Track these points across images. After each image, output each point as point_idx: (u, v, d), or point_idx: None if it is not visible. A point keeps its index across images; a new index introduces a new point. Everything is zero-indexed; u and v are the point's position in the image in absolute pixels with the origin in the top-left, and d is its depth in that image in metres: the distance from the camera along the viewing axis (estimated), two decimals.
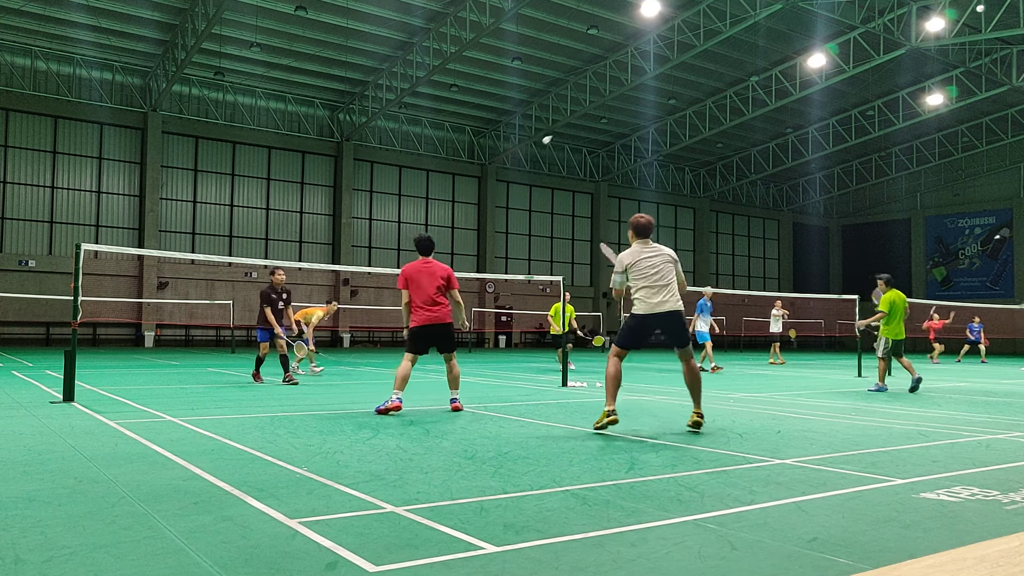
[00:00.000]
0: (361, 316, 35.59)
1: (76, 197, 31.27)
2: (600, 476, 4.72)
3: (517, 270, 40.73)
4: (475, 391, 11.14)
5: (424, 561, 2.98)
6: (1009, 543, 3.14)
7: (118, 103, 31.69)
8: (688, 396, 7.13)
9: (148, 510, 3.73)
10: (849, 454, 5.71)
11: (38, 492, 4.11)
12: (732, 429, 7.08)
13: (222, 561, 2.96)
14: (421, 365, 19.42)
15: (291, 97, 35.16)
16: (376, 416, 7.81)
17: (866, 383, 14.33)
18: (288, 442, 5.95)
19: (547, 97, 35.69)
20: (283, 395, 10.22)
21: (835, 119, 39.47)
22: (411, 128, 38.42)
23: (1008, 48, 31.25)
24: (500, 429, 6.93)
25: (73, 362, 8.92)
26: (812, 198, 52.08)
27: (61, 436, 6.14)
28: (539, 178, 42.48)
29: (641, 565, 2.97)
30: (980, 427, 7.57)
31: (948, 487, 4.49)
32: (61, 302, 28.03)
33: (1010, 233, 45.61)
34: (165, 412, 7.92)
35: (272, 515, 3.66)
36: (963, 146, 43.30)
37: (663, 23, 29.02)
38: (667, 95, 36.17)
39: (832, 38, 30.86)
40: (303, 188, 35.99)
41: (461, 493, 4.18)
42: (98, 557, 2.99)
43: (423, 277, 8.37)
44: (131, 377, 13.30)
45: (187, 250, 32.74)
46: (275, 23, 28.19)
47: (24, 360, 18.47)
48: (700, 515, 3.76)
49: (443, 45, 28.90)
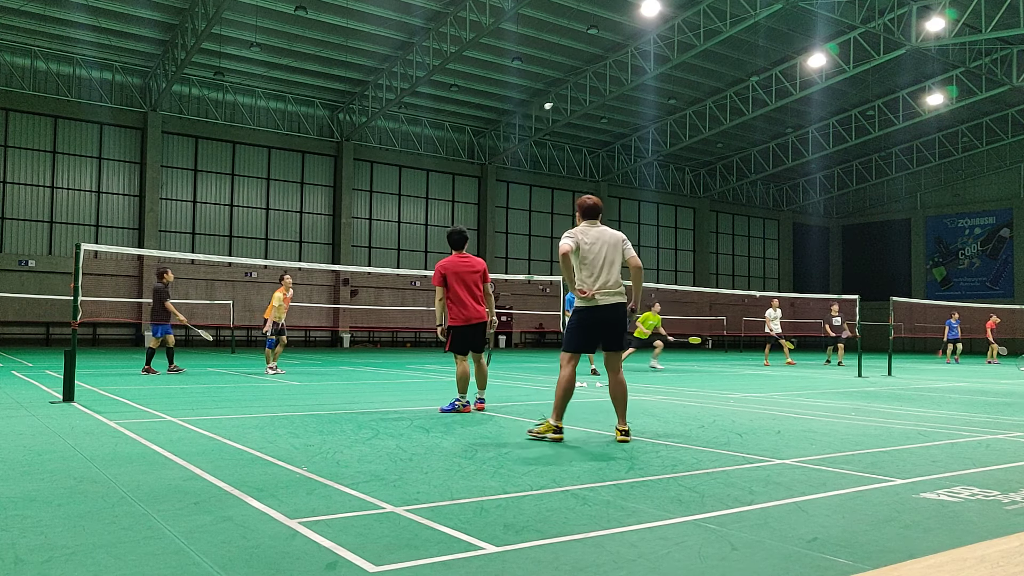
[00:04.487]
0: (361, 316, 35.59)
1: (76, 197, 31.27)
2: (600, 476, 4.72)
3: (517, 270, 40.74)
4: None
5: (424, 561, 2.98)
6: (1009, 543, 3.13)
7: (118, 103, 31.70)
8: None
9: (148, 510, 3.73)
10: (849, 454, 5.71)
11: (38, 492, 4.11)
12: (732, 429, 7.08)
13: (222, 561, 2.96)
14: (421, 365, 19.41)
15: (291, 97, 35.17)
16: (376, 416, 7.81)
17: (866, 383, 14.32)
18: (288, 442, 5.95)
19: (547, 97, 35.69)
20: (283, 395, 10.22)
21: (835, 119, 39.47)
22: (411, 128, 38.43)
23: (1008, 48, 31.25)
24: (500, 429, 6.93)
25: (73, 362, 8.92)
26: (812, 198, 52.08)
27: (61, 436, 6.14)
28: (539, 178, 42.49)
29: (641, 565, 2.97)
30: (980, 427, 7.57)
31: (948, 487, 4.49)
32: (61, 302, 28.02)
33: (1011, 233, 45.62)
34: (165, 412, 7.92)
35: (272, 515, 3.66)
36: (963, 146, 43.31)
37: (663, 23, 29.02)
38: (667, 95, 36.17)
39: (832, 38, 30.87)
40: (303, 188, 35.99)
41: (461, 493, 4.18)
42: (98, 557, 2.99)
43: (464, 274, 8.06)
44: (131, 377, 13.30)
45: (187, 250, 32.74)
46: (275, 23, 28.19)
47: (24, 360, 18.47)
48: (700, 515, 3.76)
49: (443, 45, 28.91)
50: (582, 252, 6.22)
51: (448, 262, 8.15)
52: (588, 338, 6.32)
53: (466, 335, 8.09)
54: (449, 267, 8.09)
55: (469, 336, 8.10)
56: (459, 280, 8.05)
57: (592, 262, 6.21)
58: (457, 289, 8.04)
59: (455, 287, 8.04)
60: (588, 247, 6.23)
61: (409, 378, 14.33)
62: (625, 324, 6.30)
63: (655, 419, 7.84)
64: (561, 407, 6.17)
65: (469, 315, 8.04)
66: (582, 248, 6.22)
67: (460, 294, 8.04)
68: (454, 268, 8.08)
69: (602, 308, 6.20)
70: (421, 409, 8.58)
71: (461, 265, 8.12)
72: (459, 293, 8.04)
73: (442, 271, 8.08)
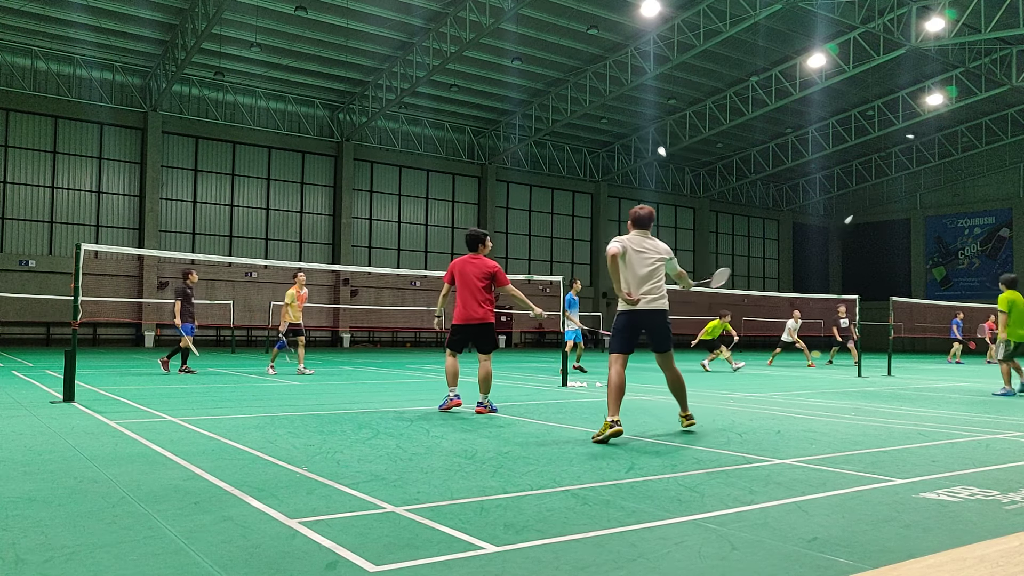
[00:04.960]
0: (361, 316, 35.59)
1: (76, 197, 31.28)
2: (600, 476, 4.72)
3: (517, 270, 40.74)
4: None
5: (424, 561, 2.98)
6: (1009, 543, 3.14)
7: (118, 103, 31.70)
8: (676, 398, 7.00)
9: (148, 510, 3.73)
10: (849, 454, 5.71)
11: (38, 492, 4.11)
12: (732, 429, 7.08)
13: (222, 561, 2.96)
14: (421, 365, 19.41)
15: (291, 97, 35.17)
16: (376, 416, 7.82)
17: (866, 383, 14.33)
18: (288, 442, 5.95)
19: (547, 97, 35.70)
20: (283, 395, 10.22)
21: (835, 119, 39.47)
22: (411, 128, 38.43)
23: (1008, 48, 31.25)
24: (500, 429, 6.93)
25: (73, 362, 8.92)
26: (812, 198, 52.10)
27: (61, 436, 6.14)
28: (539, 178, 42.50)
29: (641, 565, 2.97)
30: (980, 427, 7.57)
31: (948, 487, 4.49)
32: (61, 302, 28.03)
33: (1010, 233, 45.62)
34: (165, 412, 7.92)
35: (272, 515, 3.66)
36: (963, 146, 43.32)
37: (663, 23, 29.03)
38: (667, 95, 36.18)
39: (832, 38, 30.87)
40: (303, 188, 36.00)
41: (461, 493, 4.18)
42: (98, 557, 2.99)
43: (468, 275, 8.25)
44: (131, 377, 13.30)
45: (187, 250, 32.74)
46: (275, 23, 28.20)
47: (24, 360, 18.47)
48: (700, 515, 3.76)
49: (443, 45, 28.91)
50: (628, 257, 6.56)
51: (458, 262, 8.46)
52: (629, 340, 6.60)
53: (461, 333, 8.35)
54: (457, 267, 8.41)
55: (465, 335, 8.33)
56: (463, 280, 8.32)
57: (638, 269, 6.54)
58: (460, 288, 8.34)
59: (459, 286, 8.35)
60: (636, 254, 6.57)
61: (409, 378, 14.33)
62: (668, 328, 6.64)
63: (655, 419, 7.84)
64: (615, 404, 6.35)
65: (465, 315, 8.28)
66: (629, 254, 6.56)
67: (461, 294, 8.33)
68: (461, 268, 8.37)
69: (643, 313, 6.52)
70: (421, 409, 8.58)
71: (468, 266, 8.36)
72: (460, 292, 8.34)
73: (451, 270, 8.44)
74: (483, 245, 8.48)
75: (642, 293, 6.50)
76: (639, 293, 6.49)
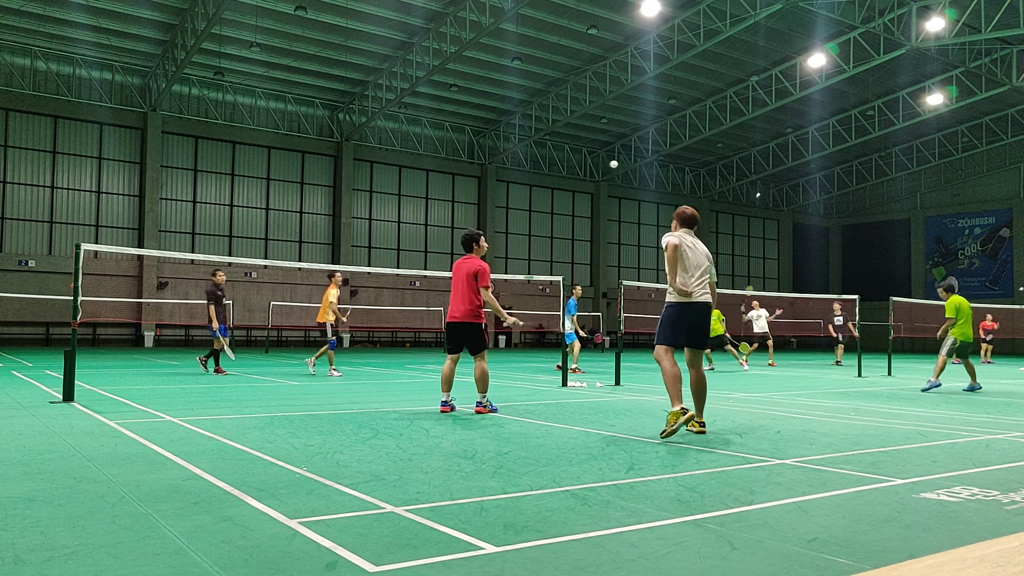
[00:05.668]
0: (361, 316, 35.57)
1: (76, 197, 31.27)
2: (600, 476, 4.72)
3: (517, 270, 40.74)
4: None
5: (424, 561, 2.98)
6: (1009, 543, 3.14)
7: (118, 103, 31.70)
8: (681, 397, 6.95)
9: (148, 510, 3.73)
10: (849, 454, 5.71)
11: (38, 492, 4.11)
12: (732, 429, 7.08)
13: (222, 561, 2.96)
14: (421, 365, 19.40)
15: (291, 97, 35.16)
16: (376, 416, 7.82)
17: (866, 383, 14.33)
18: (288, 442, 5.95)
19: (547, 97, 35.70)
20: (283, 395, 10.22)
21: (835, 119, 39.46)
22: (411, 128, 38.43)
23: (1008, 48, 31.25)
24: (500, 429, 6.93)
25: (73, 362, 8.92)
26: (812, 198, 52.09)
27: (61, 436, 6.14)
28: (539, 178, 42.49)
29: (641, 565, 2.97)
30: (980, 427, 7.57)
31: (948, 487, 4.49)
32: (61, 302, 28.03)
33: (1010, 233, 45.62)
34: (165, 412, 7.92)
35: (272, 515, 3.66)
36: (963, 146, 43.31)
37: (663, 23, 29.02)
38: (667, 95, 36.17)
39: (832, 38, 30.86)
40: (303, 188, 35.99)
41: (461, 493, 4.18)
42: (98, 557, 2.99)
43: (457, 274, 8.44)
44: (131, 377, 13.30)
45: (187, 250, 32.74)
46: (275, 23, 28.19)
47: (24, 360, 18.47)
48: (700, 515, 3.76)
49: (443, 45, 28.90)
50: (683, 251, 6.76)
51: (456, 262, 8.63)
52: (678, 332, 6.76)
53: (450, 332, 8.51)
54: (454, 267, 8.57)
55: (454, 336, 8.45)
56: (454, 279, 8.50)
57: (690, 263, 6.77)
58: (452, 288, 8.53)
59: (452, 285, 8.54)
60: (688, 249, 6.80)
61: (409, 378, 14.33)
62: (709, 325, 6.86)
63: (655, 419, 7.85)
64: (676, 394, 6.50)
65: (450, 313, 8.48)
66: (683, 246, 6.76)
67: (451, 292, 8.52)
68: (456, 268, 8.53)
69: (695, 305, 6.71)
70: (421, 409, 8.58)
71: (461, 265, 8.49)
72: (451, 291, 8.53)
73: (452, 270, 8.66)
74: (477, 246, 8.57)
75: (696, 285, 6.71)
76: (693, 285, 6.69)
